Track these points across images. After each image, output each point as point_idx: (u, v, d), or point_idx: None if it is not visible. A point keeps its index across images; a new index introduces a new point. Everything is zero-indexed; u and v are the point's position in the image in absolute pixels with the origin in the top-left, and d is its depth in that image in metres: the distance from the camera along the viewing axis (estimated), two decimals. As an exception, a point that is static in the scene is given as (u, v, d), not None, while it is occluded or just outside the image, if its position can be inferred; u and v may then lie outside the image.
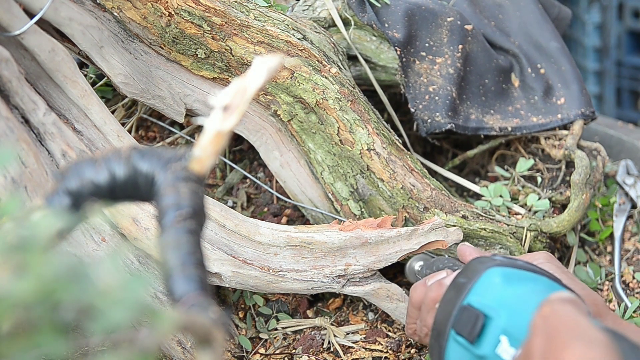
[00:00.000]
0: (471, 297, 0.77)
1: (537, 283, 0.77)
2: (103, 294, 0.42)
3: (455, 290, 0.79)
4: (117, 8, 1.05)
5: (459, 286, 0.79)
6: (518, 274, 0.78)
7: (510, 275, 0.78)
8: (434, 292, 0.86)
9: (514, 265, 0.79)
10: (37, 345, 0.40)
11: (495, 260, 0.80)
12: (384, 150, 1.12)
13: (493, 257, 0.81)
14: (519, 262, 0.80)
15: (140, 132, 1.34)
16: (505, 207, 1.21)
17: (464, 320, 0.76)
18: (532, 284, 0.76)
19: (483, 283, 0.78)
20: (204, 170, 0.57)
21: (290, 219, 1.25)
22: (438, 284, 0.86)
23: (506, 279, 0.77)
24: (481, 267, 0.79)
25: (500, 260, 0.80)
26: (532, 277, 0.78)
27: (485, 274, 0.78)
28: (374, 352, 1.11)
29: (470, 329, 0.75)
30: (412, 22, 1.28)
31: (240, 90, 0.58)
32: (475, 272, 0.79)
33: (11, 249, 0.42)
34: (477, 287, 0.78)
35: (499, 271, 0.78)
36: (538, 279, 0.78)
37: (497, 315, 0.74)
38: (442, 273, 0.90)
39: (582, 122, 1.29)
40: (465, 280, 0.79)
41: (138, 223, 1.00)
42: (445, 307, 0.80)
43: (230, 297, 1.18)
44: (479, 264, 0.80)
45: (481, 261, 0.81)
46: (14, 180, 0.87)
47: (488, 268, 0.79)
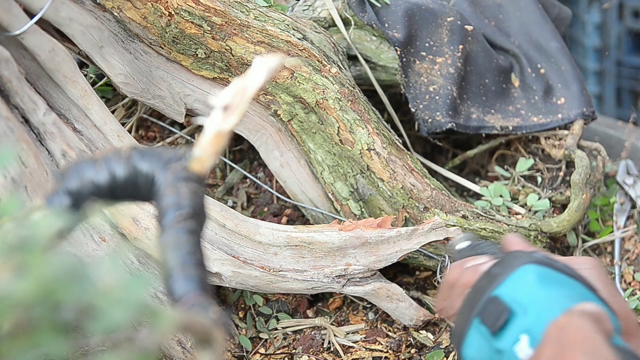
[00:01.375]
0: (501, 290, 0.77)
1: (572, 289, 0.76)
2: (103, 294, 0.42)
3: (488, 279, 0.79)
4: (117, 8, 1.05)
5: (492, 276, 0.79)
6: (554, 275, 0.77)
7: (546, 275, 0.77)
8: (468, 276, 0.86)
9: (552, 265, 0.79)
10: (37, 345, 0.40)
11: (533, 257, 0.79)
12: (384, 150, 1.12)
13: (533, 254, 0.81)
14: (558, 264, 0.79)
15: (140, 132, 1.34)
16: (505, 207, 1.21)
17: (490, 311, 0.76)
18: (566, 289, 0.76)
19: (516, 278, 0.77)
20: (204, 170, 0.57)
21: (290, 219, 1.25)
22: (473, 270, 0.86)
23: (540, 279, 0.76)
24: (517, 262, 0.79)
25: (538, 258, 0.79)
26: (568, 282, 0.77)
27: (520, 269, 0.78)
28: (374, 352, 1.11)
29: (494, 321, 0.75)
30: (412, 22, 1.28)
31: (240, 90, 0.58)
32: (511, 266, 0.79)
33: (11, 249, 0.42)
34: (509, 281, 0.77)
35: (535, 269, 0.77)
36: (574, 285, 0.77)
37: (523, 313, 0.73)
38: (482, 258, 0.89)
39: (582, 122, 1.29)
40: (500, 271, 0.79)
41: (138, 223, 1.00)
42: (474, 294, 0.80)
43: (230, 297, 1.18)
44: (516, 257, 0.80)
45: (519, 255, 0.80)
46: (14, 180, 0.87)
47: (524, 264, 0.78)
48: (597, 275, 0.83)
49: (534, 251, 0.83)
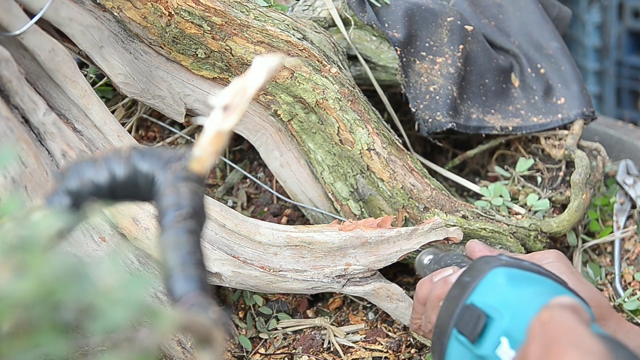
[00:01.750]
0: (474, 297, 0.77)
1: (542, 285, 0.76)
2: (103, 294, 0.42)
3: (459, 288, 0.79)
4: (117, 8, 1.05)
5: (463, 285, 0.79)
6: (523, 275, 0.78)
7: (515, 276, 0.77)
8: (439, 289, 0.86)
9: (519, 266, 0.79)
10: (37, 345, 0.40)
11: (500, 260, 0.80)
12: (384, 150, 1.12)
13: (499, 257, 0.81)
14: (525, 263, 0.80)
15: (140, 132, 1.34)
16: (505, 207, 1.21)
17: (466, 320, 0.76)
18: (537, 286, 0.76)
19: (487, 283, 0.77)
20: (204, 170, 0.57)
21: (290, 219, 1.25)
22: (443, 281, 0.86)
23: (510, 280, 0.77)
24: (486, 267, 0.79)
25: (506, 261, 0.80)
26: (537, 279, 0.77)
27: (489, 274, 0.78)
28: (374, 352, 1.11)
29: (471, 329, 0.74)
30: (412, 22, 1.28)
31: (240, 90, 0.58)
32: (480, 272, 0.79)
33: (11, 249, 0.42)
34: (481, 287, 0.77)
35: (504, 272, 0.78)
36: (543, 281, 0.77)
37: (500, 316, 0.73)
38: (449, 270, 0.89)
39: (582, 122, 1.29)
40: (470, 279, 0.79)
41: (138, 223, 1.00)
42: (448, 305, 0.80)
43: (230, 297, 1.18)
44: (484, 263, 0.80)
45: (487, 260, 0.80)
46: (14, 180, 0.87)
47: (493, 268, 0.78)
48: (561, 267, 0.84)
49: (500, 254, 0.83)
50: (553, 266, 0.84)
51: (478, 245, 0.94)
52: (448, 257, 0.98)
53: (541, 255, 0.87)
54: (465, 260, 0.95)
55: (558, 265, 0.84)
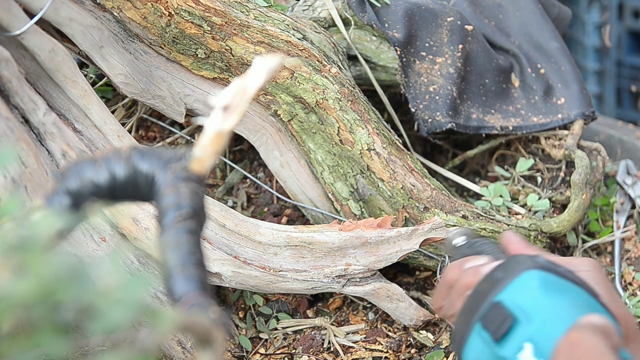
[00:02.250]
0: (504, 295, 0.76)
1: (575, 296, 0.75)
2: (103, 294, 0.42)
3: (490, 283, 0.78)
4: (117, 8, 1.05)
5: (495, 280, 0.78)
6: (557, 282, 0.76)
7: (549, 282, 0.76)
8: (469, 277, 0.84)
9: (555, 271, 0.77)
10: (37, 345, 0.40)
11: (537, 262, 0.78)
12: (384, 150, 1.12)
13: (536, 258, 0.79)
14: (561, 269, 0.78)
15: (140, 132, 1.34)
16: (505, 207, 1.21)
17: (492, 317, 0.74)
18: (570, 296, 0.74)
19: (520, 283, 0.76)
20: (204, 170, 0.57)
21: (290, 219, 1.25)
22: (474, 271, 0.84)
23: (544, 285, 0.75)
24: (521, 267, 0.77)
25: (542, 264, 0.78)
26: (571, 289, 0.76)
27: (523, 275, 0.76)
28: (374, 352, 1.11)
29: (496, 327, 0.73)
30: (412, 22, 1.28)
31: (240, 90, 0.58)
32: (514, 270, 0.77)
33: (11, 249, 0.42)
34: (513, 286, 0.76)
35: (539, 275, 0.76)
36: (577, 291, 0.76)
37: (527, 320, 0.72)
38: (482, 259, 0.87)
39: (582, 122, 1.29)
40: (502, 275, 0.78)
41: (138, 223, 1.00)
42: (476, 297, 0.78)
43: (230, 297, 1.18)
44: (520, 262, 0.79)
45: (523, 260, 0.79)
46: (14, 180, 0.87)
47: (528, 269, 0.77)
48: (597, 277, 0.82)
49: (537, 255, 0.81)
50: (588, 276, 0.82)
51: (514, 238, 0.91)
52: (483, 244, 0.95)
53: (579, 262, 0.84)
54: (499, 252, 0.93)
55: (593, 275, 0.82)
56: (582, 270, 0.82)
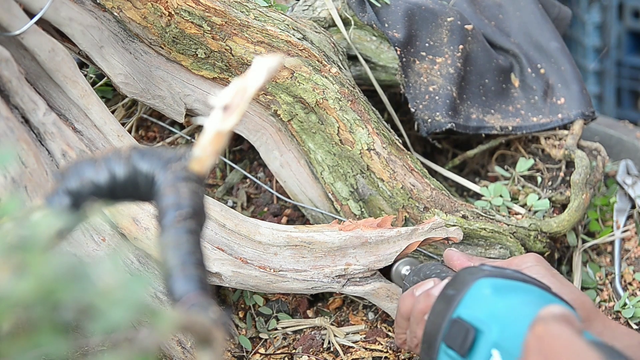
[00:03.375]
0: (461, 310, 0.76)
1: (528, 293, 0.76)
2: (103, 294, 0.42)
3: (445, 302, 0.78)
4: (117, 8, 1.05)
5: (448, 298, 0.78)
6: (508, 284, 0.77)
7: (500, 286, 0.77)
8: (422, 303, 0.84)
9: (503, 275, 0.78)
10: (37, 345, 0.40)
11: (484, 271, 0.79)
12: (384, 150, 1.12)
13: (482, 267, 0.80)
14: (508, 272, 0.79)
15: (140, 132, 1.34)
16: (505, 207, 1.21)
17: (455, 334, 0.75)
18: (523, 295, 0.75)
19: (472, 295, 0.77)
20: (204, 170, 0.57)
21: (290, 219, 1.25)
22: (426, 295, 0.85)
23: (496, 291, 0.76)
24: (470, 278, 0.78)
25: (489, 271, 0.79)
26: (522, 287, 0.77)
27: (474, 286, 0.77)
28: (374, 352, 1.11)
29: (461, 343, 0.74)
30: (412, 22, 1.28)
31: (240, 90, 0.58)
32: (464, 284, 0.78)
33: (11, 249, 0.42)
34: (467, 299, 0.77)
35: (489, 282, 0.77)
36: (528, 288, 0.77)
37: (488, 328, 0.73)
38: (430, 282, 0.88)
39: (582, 122, 1.29)
40: (454, 292, 0.78)
41: (138, 223, 1.00)
42: (434, 319, 0.79)
43: (230, 297, 1.18)
44: (467, 274, 0.79)
45: (470, 272, 0.80)
46: (14, 180, 0.87)
47: (477, 279, 0.78)
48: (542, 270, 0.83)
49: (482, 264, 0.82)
50: (533, 270, 0.83)
51: (456, 254, 0.93)
52: (427, 268, 0.97)
53: (519, 260, 0.86)
54: (445, 270, 0.94)
55: (538, 268, 0.83)
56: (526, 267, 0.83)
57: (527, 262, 0.85)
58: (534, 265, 0.84)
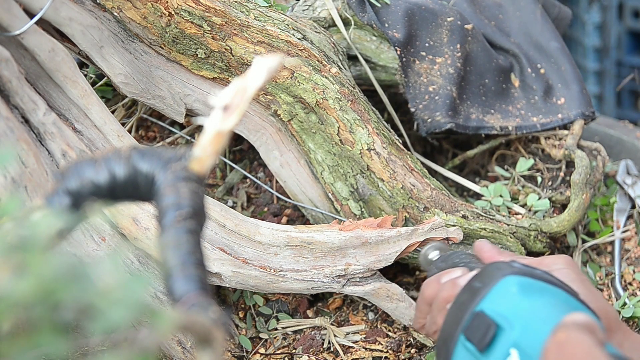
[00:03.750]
0: (485, 304, 0.76)
1: (554, 297, 0.75)
2: (103, 294, 0.42)
3: (469, 294, 0.78)
4: (117, 8, 1.05)
5: (474, 290, 0.78)
6: (535, 285, 0.76)
7: (528, 285, 0.76)
8: (447, 291, 0.84)
9: (532, 274, 0.77)
10: (37, 345, 0.40)
11: (513, 268, 0.78)
12: (384, 150, 1.12)
13: (512, 264, 0.79)
14: (538, 272, 0.78)
15: (140, 132, 1.34)
16: (505, 207, 1.21)
17: (475, 327, 0.74)
18: (549, 298, 0.74)
19: (498, 291, 0.76)
20: (204, 170, 0.57)
21: (290, 219, 1.25)
22: (452, 284, 0.84)
23: (523, 290, 0.75)
24: (498, 273, 0.77)
25: (518, 268, 0.78)
26: (549, 290, 0.76)
27: (501, 282, 0.76)
28: (374, 352, 1.11)
29: (480, 337, 0.73)
30: (412, 22, 1.28)
31: (240, 90, 0.58)
32: (492, 278, 0.77)
33: (11, 249, 0.42)
34: (492, 294, 0.76)
35: (516, 280, 0.76)
36: (555, 292, 0.76)
37: (510, 326, 0.72)
38: (458, 271, 0.87)
39: (582, 122, 1.29)
40: (481, 285, 0.77)
41: (138, 223, 1.00)
42: (457, 310, 0.78)
43: (230, 297, 1.18)
44: (496, 269, 0.78)
45: (499, 267, 0.79)
46: (14, 180, 0.87)
47: (505, 275, 0.77)
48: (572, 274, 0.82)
49: (512, 260, 0.81)
50: (563, 273, 0.82)
51: (487, 246, 0.91)
52: (456, 256, 0.95)
53: (551, 260, 0.84)
54: (474, 261, 0.93)
55: (568, 272, 0.82)
56: (556, 269, 0.82)
57: (558, 264, 0.83)
58: (564, 268, 0.83)
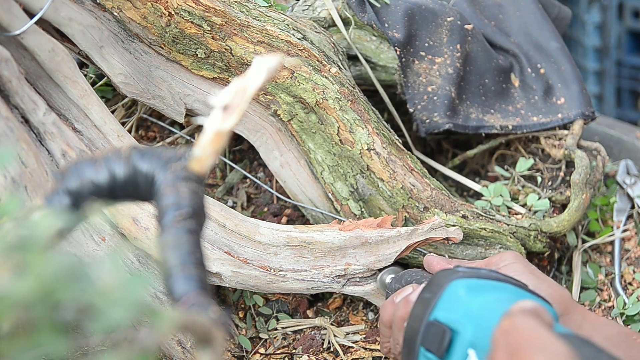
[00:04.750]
0: (437, 312, 0.77)
1: (502, 292, 0.76)
2: (103, 293, 0.42)
3: (422, 305, 0.79)
4: (117, 8, 1.05)
5: (425, 301, 0.79)
6: (482, 284, 0.78)
7: (474, 286, 0.77)
8: (402, 309, 0.85)
9: (477, 275, 0.79)
10: (37, 345, 0.40)
11: (458, 272, 0.80)
12: (384, 150, 1.12)
13: (456, 269, 0.81)
14: (483, 272, 0.80)
15: (140, 132, 1.34)
16: (505, 207, 1.21)
17: (432, 336, 0.75)
18: (497, 293, 0.76)
19: (448, 296, 0.77)
20: (204, 170, 0.57)
21: (290, 219, 1.25)
22: (405, 301, 0.86)
23: (470, 291, 0.76)
24: (445, 280, 0.79)
25: (463, 272, 0.80)
26: (496, 286, 0.77)
27: (449, 287, 0.78)
28: (374, 352, 1.12)
29: (438, 345, 0.74)
30: (412, 22, 1.28)
31: (240, 90, 0.58)
32: (440, 286, 0.79)
33: (11, 249, 0.42)
34: (443, 301, 0.77)
35: (463, 283, 0.78)
36: (503, 287, 0.77)
37: (464, 328, 0.73)
38: (408, 289, 0.89)
39: (582, 122, 1.29)
40: (430, 295, 0.79)
41: (138, 223, 1.00)
42: (412, 323, 0.80)
43: (230, 297, 1.18)
44: (442, 277, 0.80)
45: (444, 274, 0.80)
46: (14, 180, 0.87)
47: (452, 281, 0.78)
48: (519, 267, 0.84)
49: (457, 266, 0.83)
50: (511, 268, 0.83)
51: (435, 259, 0.94)
52: (408, 275, 0.98)
53: (497, 258, 0.86)
54: (424, 275, 0.95)
55: (515, 266, 0.84)
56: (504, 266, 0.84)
57: (505, 261, 0.85)
58: (511, 263, 0.85)
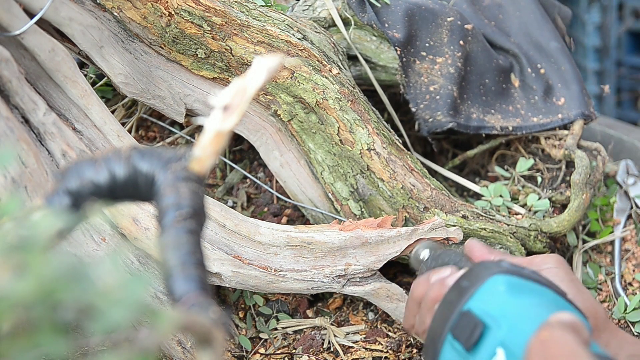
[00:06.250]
0: (472, 303, 0.76)
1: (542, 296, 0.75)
2: (103, 294, 0.42)
3: (457, 293, 0.78)
4: (117, 8, 1.05)
5: (461, 289, 0.78)
6: (523, 284, 0.76)
7: (515, 285, 0.76)
8: (436, 291, 0.84)
9: (520, 274, 0.77)
10: (37, 345, 0.40)
11: (501, 267, 0.78)
12: (384, 150, 1.12)
13: (500, 263, 0.79)
14: (526, 271, 0.78)
15: (140, 132, 1.34)
16: (505, 207, 1.21)
17: (462, 326, 0.74)
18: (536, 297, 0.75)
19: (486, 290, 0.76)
20: (204, 170, 0.57)
21: (290, 219, 1.25)
22: (440, 283, 0.84)
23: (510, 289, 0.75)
24: (486, 273, 0.77)
25: (506, 268, 0.78)
26: (537, 290, 0.76)
27: (489, 281, 0.76)
28: (374, 352, 1.11)
29: (467, 336, 0.73)
30: (412, 22, 1.28)
31: (240, 90, 0.58)
32: (479, 277, 0.77)
33: (11, 249, 0.42)
34: (480, 294, 0.76)
35: (504, 279, 0.76)
36: (543, 291, 0.76)
37: (497, 326, 0.72)
38: (447, 270, 0.87)
39: (582, 122, 1.29)
40: (468, 284, 0.78)
41: (138, 223, 1.00)
42: (444, 309, 0.78)
43: (230, 297, 1.18)
44: (484, 268, 0.79)
45: (487, 266, 0.79)
46: (14, 180, 0.87)
47: (493, 274, 0.77)
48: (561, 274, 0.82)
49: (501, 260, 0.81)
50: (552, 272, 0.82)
51: (477, 245, 0.91)
52: (446, 255, 0.96)
53: (541, 260, 0.85)
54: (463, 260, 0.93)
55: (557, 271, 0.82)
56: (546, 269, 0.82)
57: (548, 264, 0.83)
58: (554, 267, 0.83)
